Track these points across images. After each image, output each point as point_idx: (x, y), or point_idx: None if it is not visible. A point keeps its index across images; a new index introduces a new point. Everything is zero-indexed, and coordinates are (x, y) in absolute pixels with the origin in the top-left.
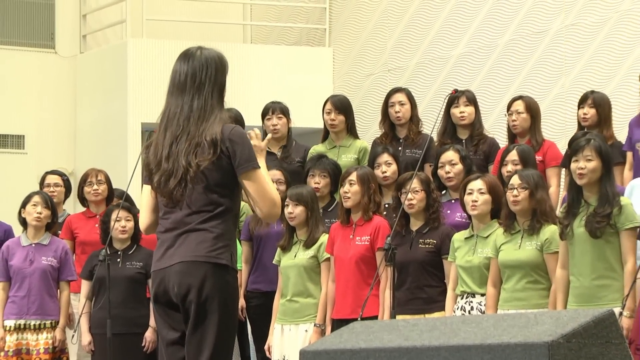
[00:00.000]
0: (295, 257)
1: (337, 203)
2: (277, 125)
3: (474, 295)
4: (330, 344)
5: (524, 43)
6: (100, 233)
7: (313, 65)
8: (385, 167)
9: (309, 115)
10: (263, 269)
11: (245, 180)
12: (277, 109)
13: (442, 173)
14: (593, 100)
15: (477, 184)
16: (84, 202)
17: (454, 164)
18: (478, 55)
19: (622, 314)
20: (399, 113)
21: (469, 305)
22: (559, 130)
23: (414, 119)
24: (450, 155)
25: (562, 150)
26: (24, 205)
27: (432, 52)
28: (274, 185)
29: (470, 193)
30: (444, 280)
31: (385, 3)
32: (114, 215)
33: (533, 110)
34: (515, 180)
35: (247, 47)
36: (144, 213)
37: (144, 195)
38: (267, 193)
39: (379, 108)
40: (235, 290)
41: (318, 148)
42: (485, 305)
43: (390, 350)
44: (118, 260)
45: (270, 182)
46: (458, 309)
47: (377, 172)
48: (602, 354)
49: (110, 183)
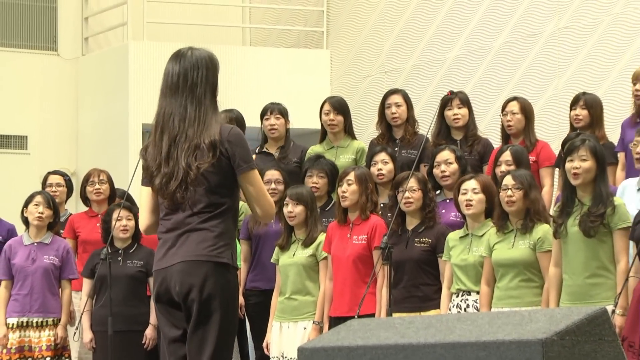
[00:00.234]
0: (294, 255)
1: (334, 202)
2: (274, 126)
3: (470, 293)
4: (328, 341)
5: (518, 45)
6: (102, 232)
7: (311, 67)
8: (382, 165)
9: (307, 116)
10: (262, 268)
11: (245, 181)
12: (275, 110)
13: (437, 172)
14: (585, 102)
15: (471, 184)
16: (87, 201)
17: (450, 163)
18: (473, 58)
19: (614, 312)
20: (396, 114)
21: (465, 303)
22: (553, 131)
23: (410, 120)
24: (446, 155)
25: (555, 151)
26: (26, 205)
27: (428, 54)
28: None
29: (465, 193)
30: (440, 279)
31: (382, 6)
32: (115, 215)
33: (527, 111)
34: (509, 181)
35: (246, 49)
36: (144, 214)
37: (143, 197)
38: (265, 194)
39: (376, 109)
40: (236, 289)
41: (316, 149)
42: (479, 303)
43: (387, 348)
44: (119, 259)
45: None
46: (454, 307)
47: (372, 169)
48: (595, 351)
49: (112, 183)
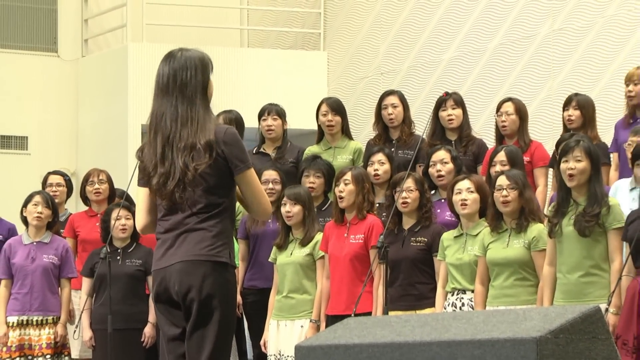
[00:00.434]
0: (292, 254)
1: (330, 202)
2: (271, 127)
3: (465, 292)
4: (325, 340)
5: (513, 47)
6: (101, 231)
7: (308, 69)
8: (378, 165)
9: (304, 117)
10: (259, 267)
11: (242, 180)
12: (272, 111)
13: (433, 171)
14: (577, 103)
15: (465, 184)
16: (86, 201)
17: (445, 163)
18: (468, 59)
19: (607, 311)
20: (392, 115)
21: (460, 302)
22: (547, 132)
23: (407, 121)
24: (442, 155)
25: (549, 151)
26: (25, 205)
27: (423, 55)
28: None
29: (459, 193)
30: (435, 278)
31: (378, 9)
32: (114, 214)
33: (521, 112)
34: (503, 181)
35: (244, 50)
36: (140, 214)
37: (140, 197)
38: (262, 193)
39: (372, 110)
40: (235, 288)
41: (313, 149)
42: (474, 302)
43: (383, 346)
44: (118, 258)
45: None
46: (449, 305)
47: (369, 169)
48: (588, 349)
49: (112, 182)
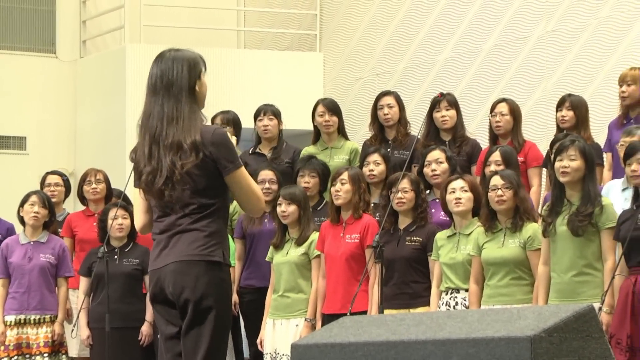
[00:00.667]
0: (287, 254)
1: (325, 202)
2: (267, 127)
3: (458, 291)
4: (321, 338)
5: (507, 48)
6: (98, 231)
7: (304, 70)
8: (374, 165)
9: (301, 118)
10: (256, 266)
11: (232, 181)
12: (268, 111)
13: (427, 171)
14: (570, 103)
15: (458, 183)
16: (84, 201)
17: (440, 162)
18: (463, 60)
19: (601, 310)
20: (388, 115)
21: (454, 301)
22: (541, 132)
23: (402, 121)
24: (437, 154)
25: (543, 151)
26: (22, 205)
27: (418, 57)
28: (254, 182)
29: (453, 192)
30: (429, 277)
31: (374, 10)
32: (112, 214)
33: (515, 113)
34: (498, 181)
35: (241, 51)
36: (138, 214)
37: (136, 197)
38: (253, 190)
39: (368, 111)
40: (229, 286)
41: (310, 149)
42: (468, 301)
43: (379, 344)
44: (115, 257)
45: (251, 179)
46: (443, 305)
47: (364, 169)
48: (582, 348)
49: (109, 182)
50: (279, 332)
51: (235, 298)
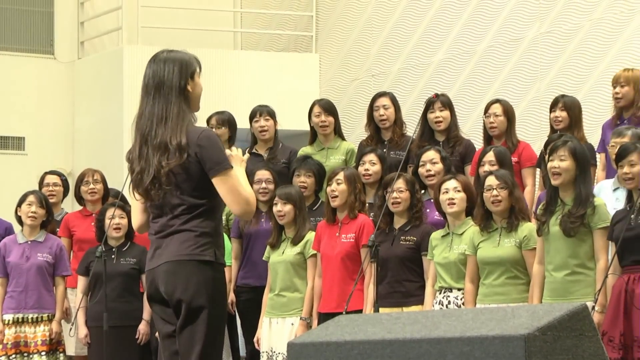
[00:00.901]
0: (283, 253)
1: (321, 202)
2: (264, 127)
3: (451, 290)
4: (317, 337)
5: (501, 49)
6: (96, 231)
7: (300, 71)
8: (369, 165)
9: (297, 118)
10: (252, 265)
11: (217, 182)
12: (264, 112)
13: (422, 171)
14: (564, 104)
15: (452, 184)
16: (81, 201)
17: (435, 163)
18: (457, 61)
19: (593, 309)
20: (383, 116)
21: (446, 300)
22: (534, 133)
23: (398, 122)
24: (431, 155)
25: (537, 152)
26: (20, 205)
27: (413, 58)
28: (247, 184)
29: (446, 192)
30: (423, 276)
31: (369, 12)
32: (109, 214)
33: (509, 114)
34: (493, 181)
35: (237, 53)
36: (135, 214)
37: (133, 198)
38: (239, 192)
39: (363, 111)
40: (222, 284)
41: (307, 150)
42: (464, 300)
43: (374, 343)
44: (113, 257)
45: (245, 181)
46: (436, 304)
47: (360, 169)
48: (575, 346)
49: (106, 182)
50: (276, 330)
51: (232, 297)
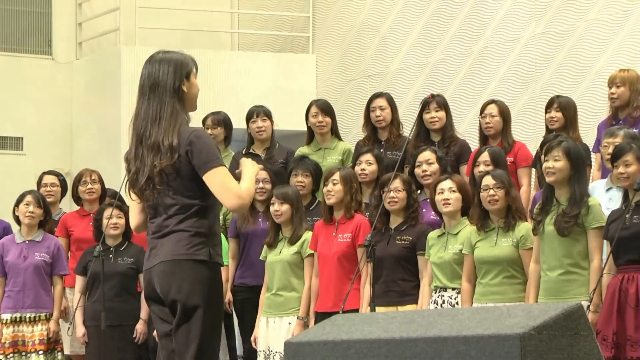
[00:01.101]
0: (281, 253)
1: (318, 202)
2: (262, 128)
3: (446, 290)
4: (313, 336)
5: (497, 50)
6: (94, 230)
7: (297, 71)
8: (366, 165)
9: (294, 119)
10: (249, 264)
11: (207, 180)
12: (261, 112)
13: (418, 172)
14: (559, 104)
15: (447, 184)
16: (79, 201)
17: (431, 163)
18: (453, 62)
19: (588, 308)
20: (380, 117)
21: (441, 299)
22: (530, 133)
23: (395, 123)
24: (427, 155)
25: (532, 152)
26: (17, 204)
27: (410, 58)
28: (248, 182)
29: (441, 192)
30: (418, 276)
31: (366, 13)
32: (107, 213)
33: (505, 114)
34: (490, 181)
35: (234, 53)
36: (132, 214)
37: (130, 198)
38: (229, 188)
39: (360, 112)
40: (217, 283)
41: (304, 150)
42: (460, 299)
43: (371, 342)
44: (110, 256)
45: (250, 180)
46: (431, 303)
47: (357, 168)
48: (571, 345)
49: (103, 182)
50: (273, 329)
51: (229, 296)
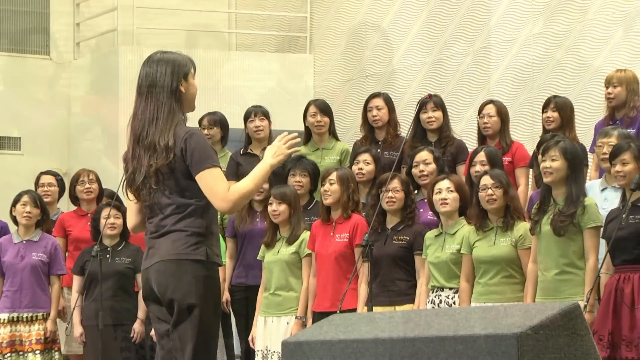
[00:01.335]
0: (278, 253)
1: (316, 202)
2: (260, 127)
3: (443, 289)
4: (311, 335)
5: (494, 50)
6: (91, 230)
7: (295, 71)
8: (363, 164)
9: (291, 119)
10: (247, 264)
11: (198, 181)
12: (259, 112)
13: (416, 172)
14: (555, 105)
15: (445, 184)
16: (76, 201)
17: (428, 163)
18: (451, 62)
19: (585, 308)
20: (376, 117)
21: (438, 299)
22: (527, 133)
23: (392, 123)
24: (425, 155)
25: (530, 152)
26: (14, 205)
27: (407, 59)
28: (251, 181)
29: (439, 192)
30: (414, 275)
31: (363, 13)
32: (104, 213)
33: (503, 114)
34: (488, 181)
35: (232, 53)
36: (130, 215)
37: (128, 198)
38: (215, 192)
39: (357, 112)
40: (214, 283)
41: (301, 150)
42: (459, 299)
43: (368, 342)
44: (108, 256)
45: (252, 177)
46: (428, 302)
47: (354, 168)
48: (568, 345)
49: (100, 182)
50: (270, 329)
51: (227, 296)
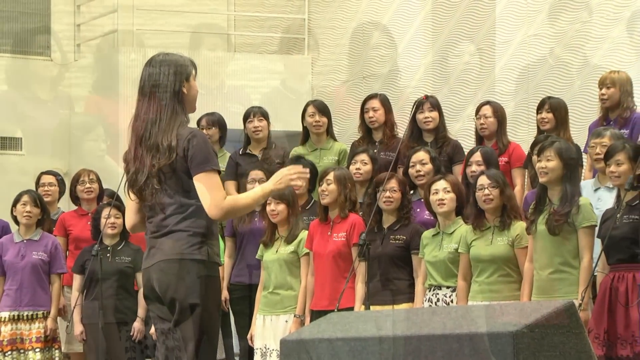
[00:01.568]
0: (277, 252)
1: (314, 201)
2: (258, 128)
3: (440, 288)
4: (309, 334)
5: (491, 52)
6: (92, 229)
7: (293, 73)
8: (361, 164)
9: (289, 119)
10: (246, 263)
11: (195, 183)
12: (257, 113)
13: (412, 172)
14: (550, 105)
15: (441, 184)
16: (76, 200)
17: (425, 164)
18: (447, 63)
19: (579, 307)
20: (373, 118)
21: (435, 297)
22: (523, 134)
23: (388, 123)
24: (421, 155)
25: (526, 152)
26: (15, 204)
27: (404, 60)
28: (246, 196)
29: (436, 193)
30: (412, 274)
31: (361, 14)
32: (105, 213)
33: (500, 115)
34: (485, 181)
35: (231, 55)
36: (129, 214)
37: (128, 198)
38: (206, 197)
39: (355, 113)
40: (216, 283)
41: (299, 150)
42: (456, 297)
43: (365, 340)
44: (108, 256)
45: (248, 195)
46: (426, 301)
47: (351, 167)
48: (563, 343)
49: (101, 182)
50: (269, 328)
51: (226, 294)
